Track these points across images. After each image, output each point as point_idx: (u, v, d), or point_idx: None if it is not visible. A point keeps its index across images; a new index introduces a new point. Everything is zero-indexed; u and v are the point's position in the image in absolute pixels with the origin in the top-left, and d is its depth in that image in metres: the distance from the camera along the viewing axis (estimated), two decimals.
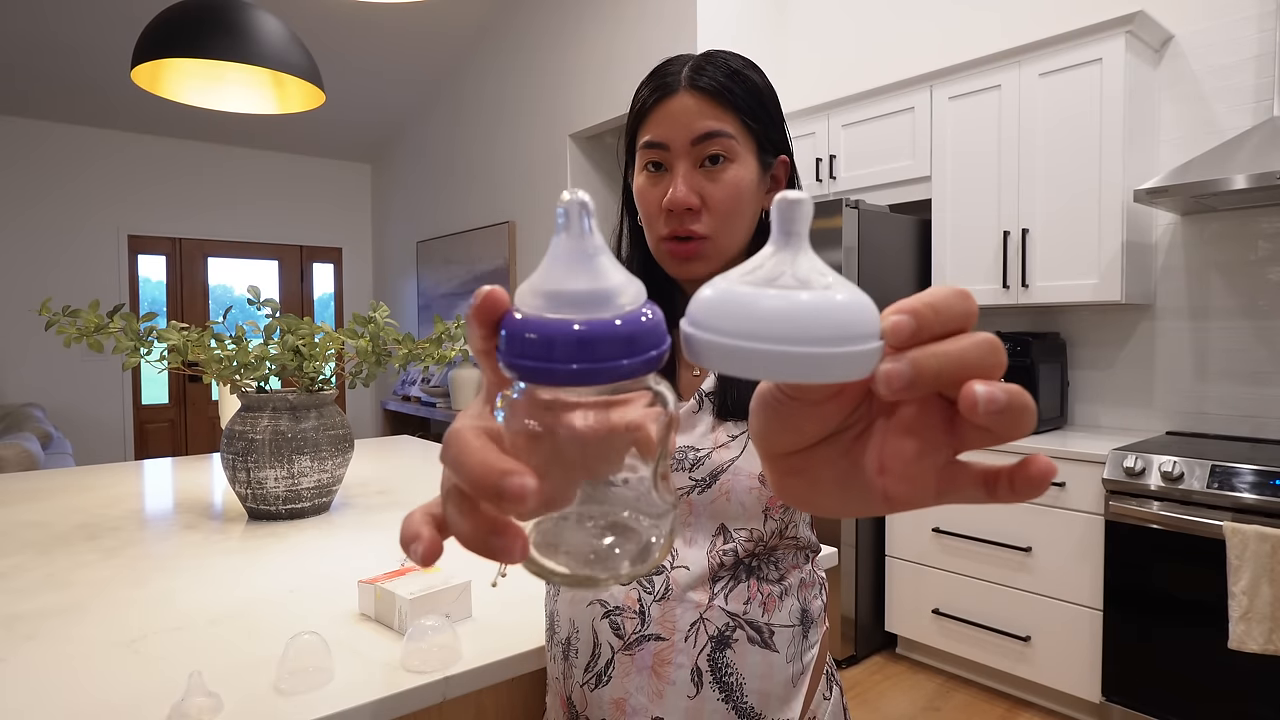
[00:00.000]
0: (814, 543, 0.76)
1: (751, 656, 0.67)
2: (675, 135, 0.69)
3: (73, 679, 0.78)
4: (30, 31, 4.19)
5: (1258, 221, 2.35)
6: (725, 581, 0.68)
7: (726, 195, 0.69)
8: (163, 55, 1.61)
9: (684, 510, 0.69)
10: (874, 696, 2.46)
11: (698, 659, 0.67)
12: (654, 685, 0.67)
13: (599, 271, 0.23)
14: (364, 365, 1.45)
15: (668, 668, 0.67)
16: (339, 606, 0.97)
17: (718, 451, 0.69)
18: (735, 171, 0.69)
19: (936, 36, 3.09)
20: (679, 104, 0.69)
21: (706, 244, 0.70)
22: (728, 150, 0.69)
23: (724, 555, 0.68)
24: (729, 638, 0.67)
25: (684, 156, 0.69)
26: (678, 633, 0.67)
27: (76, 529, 1.39)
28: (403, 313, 6.09)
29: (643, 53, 3.58)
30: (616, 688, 0.68)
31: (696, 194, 0.69)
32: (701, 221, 0.69)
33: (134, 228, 5.48)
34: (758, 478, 0.67)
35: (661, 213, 0.70)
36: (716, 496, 0.68)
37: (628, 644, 0.68)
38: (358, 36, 4.58)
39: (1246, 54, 2.34)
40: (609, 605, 0.69)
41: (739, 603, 0.68)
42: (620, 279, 0.23)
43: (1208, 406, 2.45)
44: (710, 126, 0.68)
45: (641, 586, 0.69)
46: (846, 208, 2.66)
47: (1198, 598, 1.96)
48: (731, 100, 0.69)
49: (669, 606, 0.67)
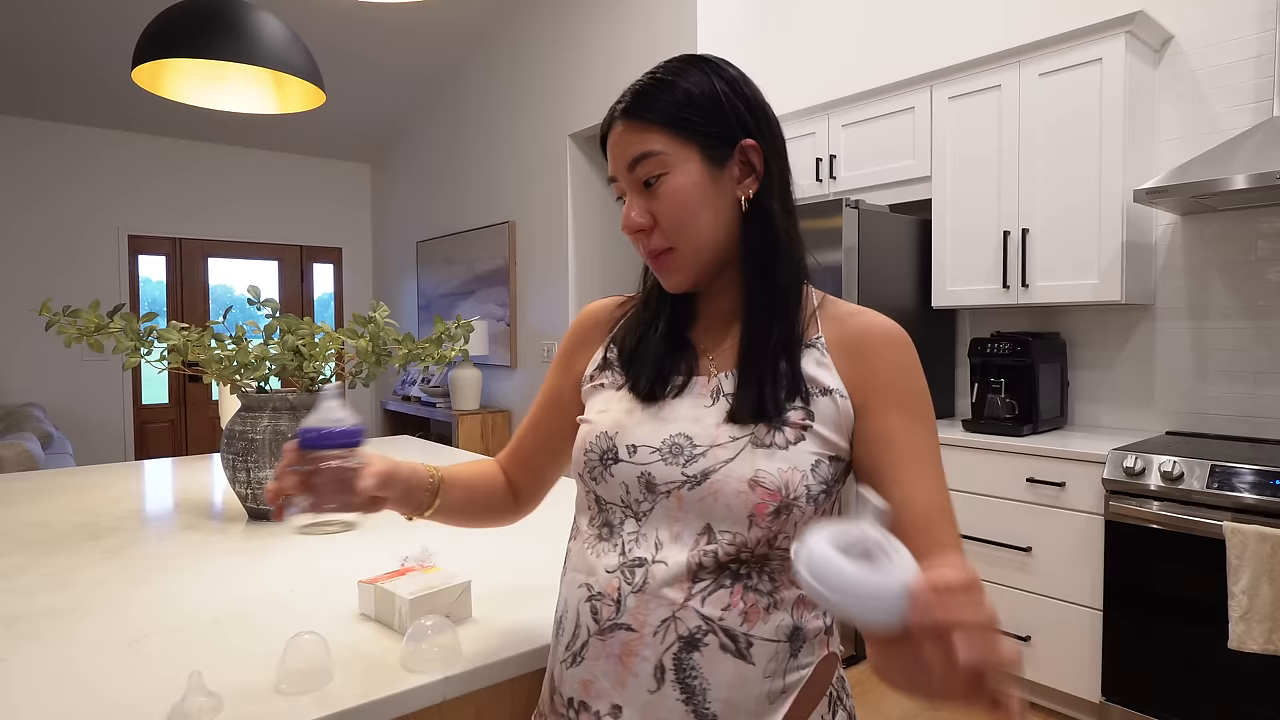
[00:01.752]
0: None
1: (722, 663, 0.67)
2: (617, 166, 0.74)
3: (73, 679, 0.78)
4: (31, 31, 4.19)
5: (1258, 221, 2.35)
6: (706, 584, 0.67)
7: (669, 208, 0.72)
8: (163, 55, 1.61)
9: (674, 505, 0.70)
10: (874, 697, 2.46)
11: (663, 655, 0.67)
12: (619, 673, 0.68)
13: (331, 411, 0.73)
14: (364, 365, 1.45)
15: (633, 659, 0.68)
16: (339, 606, 0.97)
17: (714, 450, 0.69)
18: (671, 182, 0.71)
19: (936, 36, 3.09)
20: (614, 136, 0.74)
21: (673, 255, 0.74)
22: (659, 165, 0.71)
23: (704, 556, 0.68)
24: (699, 640, 0.67)
25: (628, 182, 0.74)
26: (647, 627, 0.68)
27: (77, 529, 1.39)
28: (403, 313, 6.09)
29: (643, 53, 3.58)
30: (587, 669, 0.70)
31: (647, 213, 0.73)
32: (655, 238, 0.74)
33: (134, 228, 5.48)
34: (747, 482, 0.67)
35: (631, 238, 0.76)
36: (705, 495, 0.68)
37: (602, 629, 0.70)
38: (358, 36, 4.58)
39: (1246, 54, 2.35)
40: (594, 590, 0.71)
41: (717, 607, 0.67)
42: (342, 415, 0.73)
43: (1208, 406, 2.45)
44: (636, 150, 0.72)
45: (623, 576, 0.70)
46: (846, 208, 2.66)
47: (1198, 598, 1.96)
48: (654, 114, 0.71)
49: (644, 600, 0.68)
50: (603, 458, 0.74)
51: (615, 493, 0.73)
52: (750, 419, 0.70)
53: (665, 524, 0.70)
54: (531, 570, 1.12)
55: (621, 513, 0.73)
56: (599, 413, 0.78)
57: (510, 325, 4.62)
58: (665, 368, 0.76)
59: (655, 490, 0.71)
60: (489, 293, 4.81)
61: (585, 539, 0.76)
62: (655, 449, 0.71)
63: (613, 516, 0.73)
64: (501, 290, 4.67)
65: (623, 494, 0.73)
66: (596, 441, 0.75)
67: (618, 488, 0.73)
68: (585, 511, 0.77)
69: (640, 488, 0.71)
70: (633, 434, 0.73)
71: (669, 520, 0.70)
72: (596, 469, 0.74)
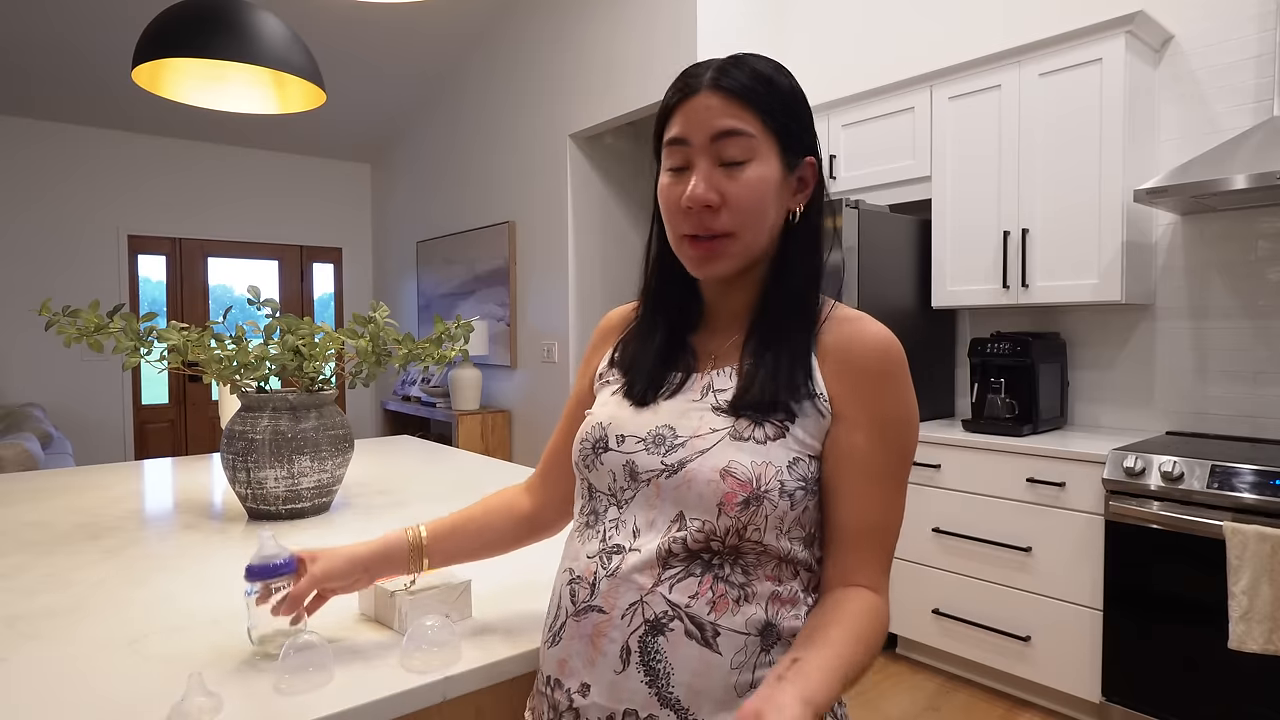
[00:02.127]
0: (804, 561, 0.72)
1: (685, 649, 0.67)
2: (695, 131, 0.71)
3: (73, 679, 0.78)
4: (31, 31, 4.19)
5: (1258, 221, 2.35)
6: (676, 571, 0.69)
7: (747, 193, 0.71)
8: (163, 55, 1.61)
9: (653, 493, 0.72)
10: (874, 696, 2.46)
11: (629, 638, 0.69)
12: (589, 653, 0.70)
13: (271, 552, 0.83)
14: (364, 365, 1.45)
15: (602, 640, 0.70)
16: (339, 606, 0.97)
17: (693, 440, 0.71)
18: (755, 170, 0.71)
19: (937, 36, 3.09)
20: (701, 102, 0.71)
21: (730, 241, 0.72)
22: (747, 149, 0.70)
23: (674, 544, 0.69)
24: (664, 625, 0.68)
25: (704, 153, 0.71)
26: (616, 610, 0.70)
27: (77, 529, 1.39)
28: (403, 313, 6.09)
29: (643, 53, 3.58)
30: (563, 649, 0.73)
31: (716, 191, 0.71)
32: (721, 219, 0.71)
33: (134, 228, 5.48)
34: (719, 472, 0.68)
35: (681, 210, 0.72)
36: (680, 483, 0.70)
37: (577, 611, 0.72)
38: (358, 36, 4.58)
39: (1246, 54, 2.35)
40: (574, 574, 0.74)
41: (684, 594, 0.68)
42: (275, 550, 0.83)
43: (1208, 406, 2.45)
44: (730, 125, 0.70)
45: (599, 561, 0.72)
46: (846, 208, 2.66)
47: (1198, 598, 1.96)
48: (754, 100, 0.71)
49: (615, 584, 0.70)
50: (595, 447, 0.77)
51: (604, 481, 0.76)
52: (734, 413, 0.71)
53: (643, 511, 0.72)
54: (531, 570, 1.12)
55: (607, 500, 0.75)
56: (599, 406, 0.81)
57: (510, 325, 4.62)
58: (659, 374, 0.79)
59: (637, 478, 0.73)
60: (489, 293, 4.81)
61: (575, 526, 0.80)
62: (641, 439, 0.74)
63: (599, 504, 0.76)
64: (501, 290, 4.67)
65: (610, 482, 0.75)
66: (591, 432, 0.78)
67: (606, 475, 0.75)
68: (579, 501, 0.80)
69: (625, 475, 0.74)
70: (624, 425, 0.76)
71: (647, 507, 0.72)
72: (589, 457, 0.77)
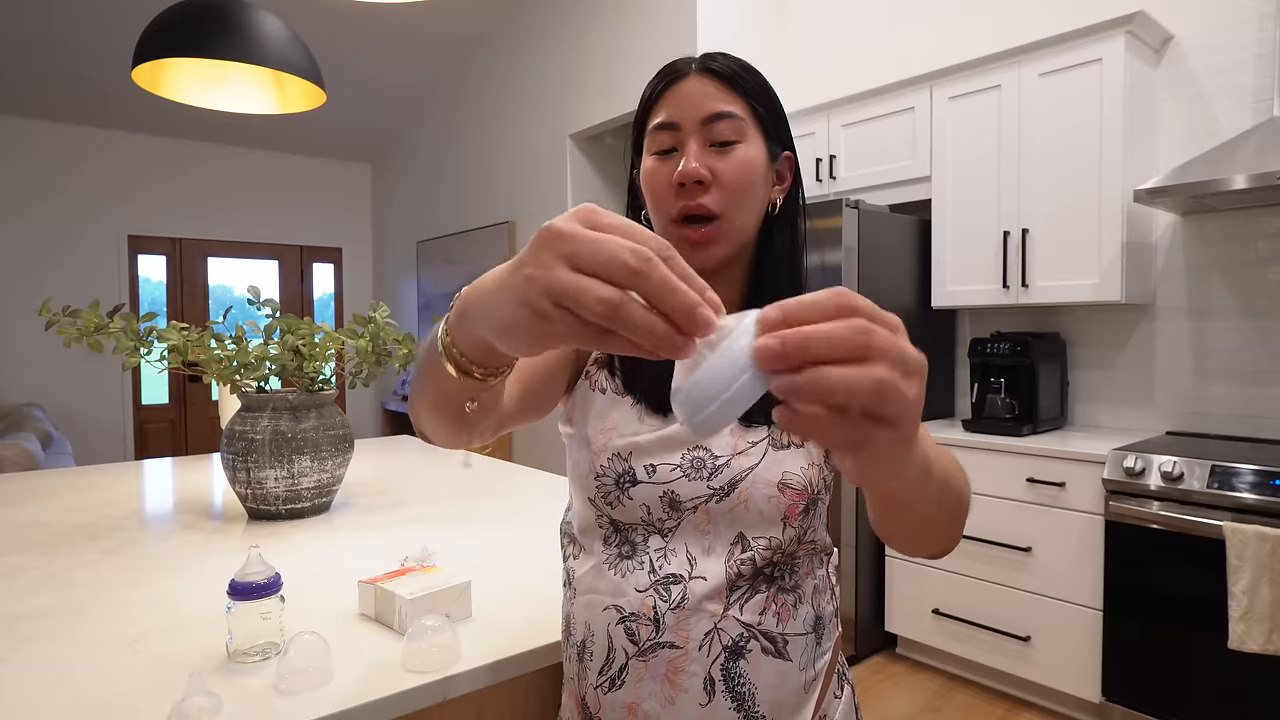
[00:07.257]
0: (829, 545, 0.76)
1: (765, 666, 0.67)
2: (686, 114, 0.70)
3: (73, 679, 0.78)
4: (30, 31, 4.19)
5: (1258, 221, 2.35)
6: (742, 591, 0.68)
7: (737, 172, 0.69)
8: (163, 55, 1.61)
9: (702, 519, 0.69)
10: (874, 696, 2.46)
11: (711, 668, 0.67)
12: (666, 692, 0.67)
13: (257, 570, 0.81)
14: (364, 365, 1.45)
15: (680, 675, 0.67)
16: (339, 606, 0.97)
17: (736, 459, 0.69)
18: (745, 151, 0.70)
19: (936, 36, 3.09)
20: (690, 85, 0.70)
21: (719, 225, 0.69)
22: (738, 131, 0.69)
23: (742, 565, 0.68)
24: (743, 648, 0.67)
25: (694, 135, 0.69)
26: (691, 641, 0.67)
27: (77, 529, 1.39)
28: (403, 313, 6.09)
29: (643, 53, 3.58)
30: (630, 693, 0.68)
31: (707, 169, 0.69)
32: (711, 196, 0.69)
33: (134, 228, 5.48)
34: (776, 486, 0.67)
35: (672, 189, 0.69)
36: (735, 505, 0.68)
37: (642, 650, 0.68)
38: (358, 36, 4.58)
39: (1246, 54, 2.34)
40: (624, 611, 0.69)
41: (754, 613, 0.68)
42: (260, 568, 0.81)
43: (1208, 406, 2.45)
44: (721, 107, 0.69)
45: (658, 595, 0.68)
46: (846, 208, 2.66)
47: (1198, 598, 1.96)
48: (742, 85, 0.71)
49: (684, 615, 0.67)
50: (619, 481, 0.70)
51: (635, 514, 0.70)
52: (762, 419, 0.70)
53: (694, 538, 0.69)
54: (531, 570, 1.12)
55: (644, 531, 0.70)
56: (604, 430, 0.72)
57: None
58: (666, 380, 0.74)
59: (680, 507, 0.69)
60: None
61: (603, 560, 0.72)
62: (676, 465, 0.69)
63: (634, 535, 0.71)
64: None
65: (643, 515, 0.70)
66: (609, 465, 0.70)
67: (637, 509, 0.70)
68: (596, 533, 0.73)
69: (664, 506, 0.69)
70: (649, 453, 0.70)
71: (698, 534, 0.69)
72: (612, 493, 0.70)
